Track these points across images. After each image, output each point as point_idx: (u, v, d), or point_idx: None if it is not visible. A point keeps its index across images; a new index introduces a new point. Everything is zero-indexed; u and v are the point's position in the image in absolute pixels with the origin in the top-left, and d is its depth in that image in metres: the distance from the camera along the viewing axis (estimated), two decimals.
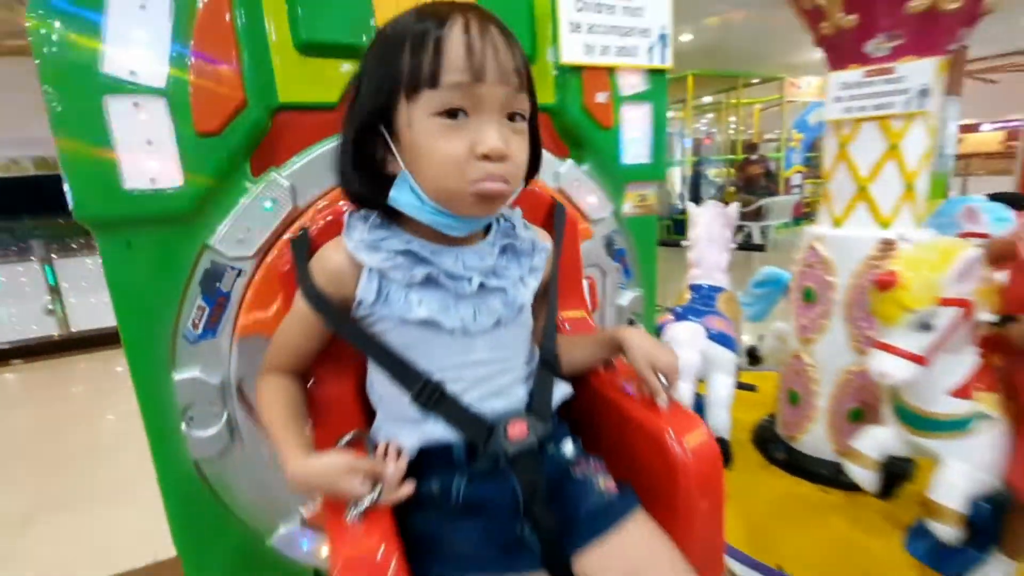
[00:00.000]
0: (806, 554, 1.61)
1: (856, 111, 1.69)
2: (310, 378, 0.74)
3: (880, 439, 1.50)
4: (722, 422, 1.79)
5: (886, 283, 1.22)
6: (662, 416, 0.70)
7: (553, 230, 0.81)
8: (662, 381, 0.71)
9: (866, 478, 1.50)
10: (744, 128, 10.16)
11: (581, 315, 0.92)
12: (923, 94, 1.57)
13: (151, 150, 0.70)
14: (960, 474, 1.34)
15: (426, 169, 0.58)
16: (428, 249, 0.64)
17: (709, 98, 10.19)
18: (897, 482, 1.85)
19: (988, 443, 1.32)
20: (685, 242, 2.16)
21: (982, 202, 1.84)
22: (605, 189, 1.08)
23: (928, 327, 1.23)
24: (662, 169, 1.13)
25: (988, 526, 1.42)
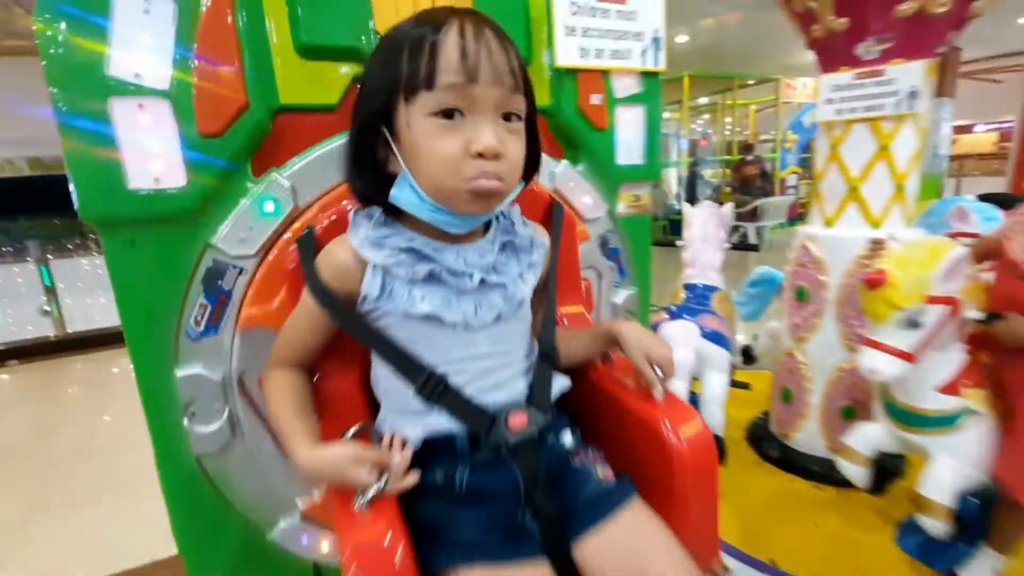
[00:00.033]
0: (799, 549, 1.63)
1: (847, 113, 1.72)
2: (316, 373, 0.76)
3: (871, 435, 1.52)
4: (716, 420, 1.81)
5: (875, 281, 1.24)
6: (658, 408, 0.71)
7: (551, 228, 0.83)
8: (658, 374, 0.73)
9: (857, 474, 1.52)
10: (740, 129, 10.21)
11: (579, 310, 0.94)
12: (912, 96, 1.59)
13: (155, 151, 0.72)
14: (948, 469, 1.36)
15: (424, 167, 0.61)
16: (430, 246, 0.66)
17: (705, 99, 10.23)
18: (889, 478, 1.87)
19: (976, 439, 1.33)
20: (680, 242, 2.18)
21: (972, 202, 1.87)
22: (600, 189, 1.10)
23: (916, 324, 1.25)
24: (656, 170, 1.15)
25: (977, 521, 1.44)
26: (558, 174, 1.06)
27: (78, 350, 4.40)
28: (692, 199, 8.17)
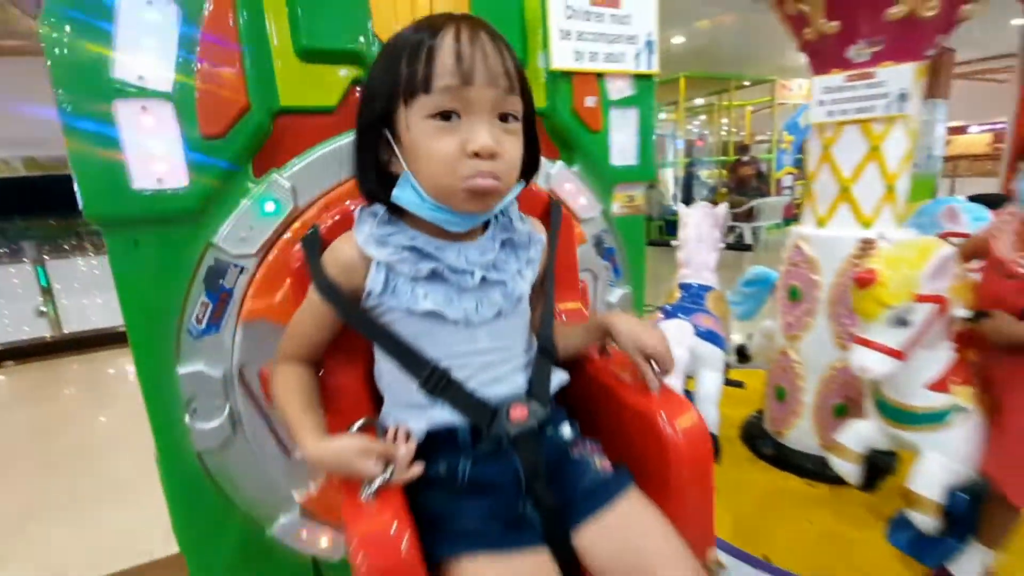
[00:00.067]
0: (792, 545, 1.65)
1: (838, 114, 1.74)
2: (321, 368, 0.77)
3: (862, 432, 1.53)
4: (710, 418, 1.82)
5: (865, 280, 1.26)
6: (654, 400, 0.73)
7: (549, 226, 0.85)
8: (654, 367, 0.74)
9: (849, 471, 1.54)
10: (736, 130, 10.25)
11: (577, 307, 0.96)
12: (902, 98, 1.62)
13: (158, 152, 0.73)
14: (938, 465, 1.37)
15: (424, 168, 0.63)
16: (432, 245, 0.68)
17: (701, 100, 10.26)
18: (880, 475, 1.90)
19: (964, 435, 1.35)
20: (675, 242, 2.20)
21: (962, 203, 1.89)
22: (594, 190, 1.12)
23: (905, 323, 1.27)
24: (650, 170, 1.16)
25: (966, 516, 1.46)
26: (553, 175, 1.07)
27: (74, 351, 4.39)
28: (688, 200, 8.21)
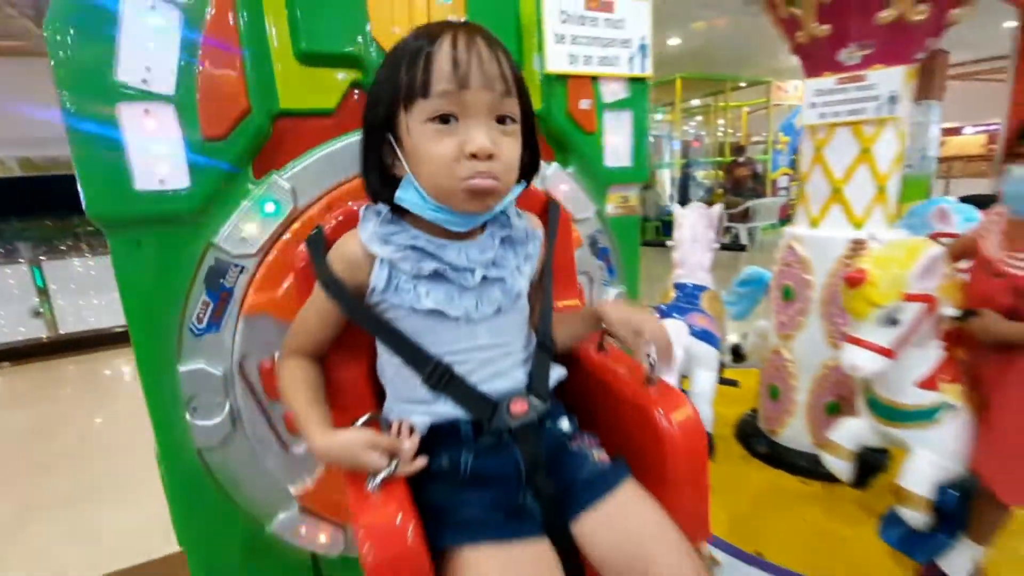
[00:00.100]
0: (786, 542, 1.67)
1: (830, 116, 1.76)
2: (325, 364, 0.79)
3: (854, 430, 1.55)
4: (705, 416, 1.84)
5: (855, 280, 1.28)
6: (651, 395, 0.75)
7: (547, 224, 0.86)
8: (652, 358, 0.75)
9: (841, 468, 1.56)
10: (732, 131, 10.29)
11: (575, 304, 0.98)
12: (893, 100, 1.64)
13: (160, 153, 0.75)
14: (927, 462, 1.40)
15: (424, 170, 0.65)
16: (433, 244, 0.70)
17: (697, 101, 10.30)
18: (872, 473, 1.92)
19: (953, 432, 1.37)
20: (670, 242, 2.22)
21: (953, 203, 1.92)
22: (589, 191, 1.14)
23: (895, 322, 1.29)
24: (644, 172, 1.18)
25: (956, 512, 1.48)
26: (549, 176, 1.09)
27: (71, 352, 4.38)
28: (684, 200, 8.24)
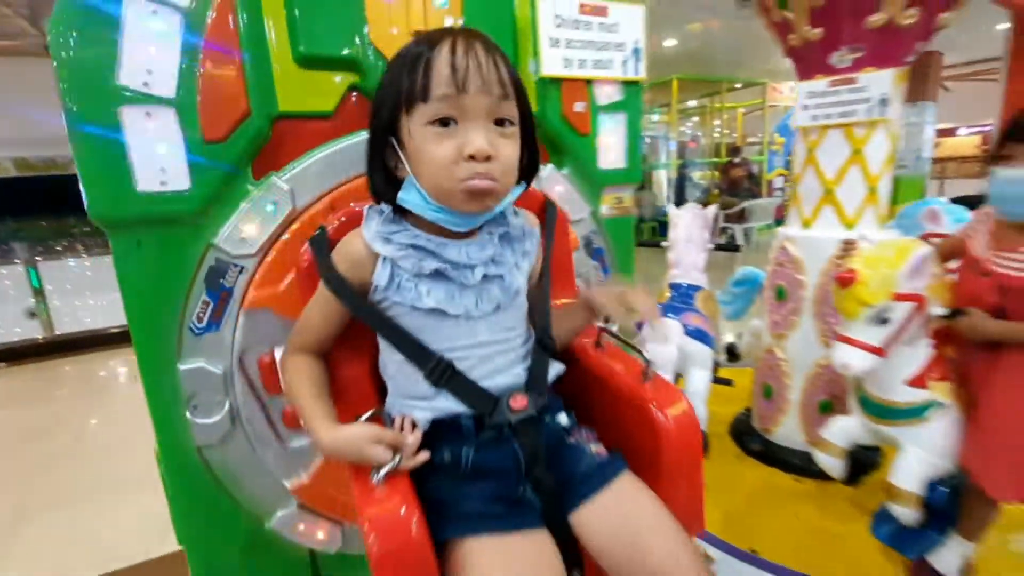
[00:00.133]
0: (779, 539, 1.69)
1: (822, 118, 1.79)
2: (329, 361, 0.81)
3: (846, 428, 1.57)
4: (699, 414, 1.86)
5: (846, 280, 1.30)
6: (647, 390, 0.77)
7: (545, 224, 0.88)
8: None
9: (833, 465, 1.58)
10: (728, 132, 10.33)
11: (572, 302, 0.99)
12: (883, 103, 1.66)
13: (162, 156, 0.76)
14: (917, 459, 1.42)
15: (425, 171, 0.67)
16: (434, 243, 0.72)
17: (694, 102, 10.34)
18: (864, 471, 1.94)
19: (943, 429, 1.39)
20: (665, 243, 2.24)
21: (944, 204, 1.94)
22: (584, 192, 1.15)
23: (885, 321, 1.31)
24: (637, 173, 1.20)
25: (946, 509, 1.50)
26: (544, 178, 1.11)
27: (66, 352, 4.38)
28: (681, 201, 8.26)
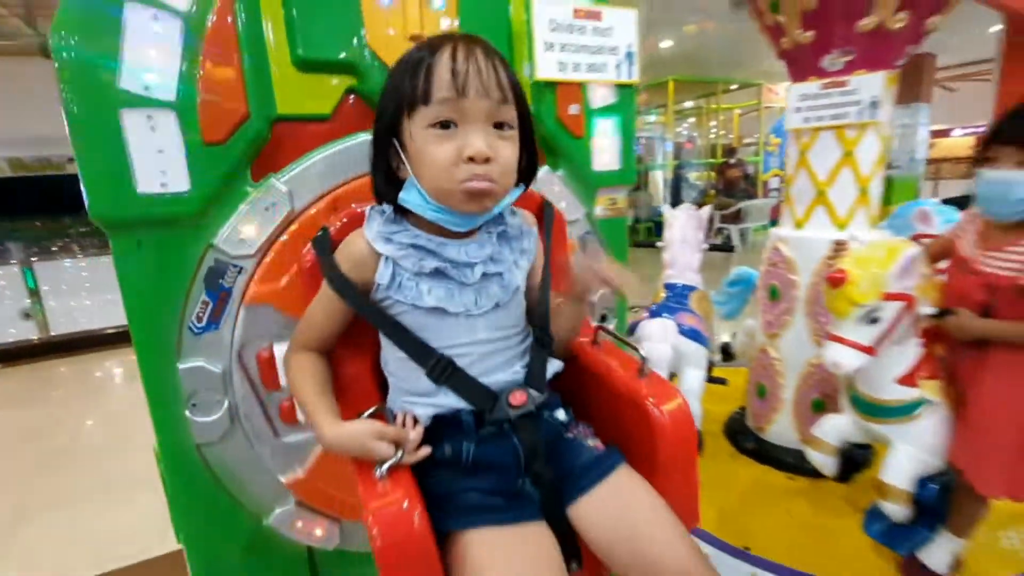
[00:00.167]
0: (772, 536, 1.70)
1: (814, 121, 1.81)
2: (332, 359, 0.82)
3: (837, 426, 1.59)
4: (693, 412, 1.88)
5: (837, 280, 1.32)
6: (643, 386, 0.79)
7: (543, 224, 0.90)
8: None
9: (825, 463, 1.60)
10: (724, 132, 10.38)
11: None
12: (874, 105, 1.69)
13: (162, 158, 0.77)
14: (907, 456, 1.44)
15: (426, 172, 0.69)
16: (434, 242, 0.74)
17: (690, 103, 10.38)
18: (856, 468, 1.96)
19: (933, 427, 1.41)
20: (660, 243, 2.26)
21: (935, 205, 1.97)
22: (578, 193, 1.17)
23: (875, 320, 1.33)
24: (631, 174, 1.22)
25: (936, 506, 1.52)
26: (539, 179, 1.12)
27: (62, 353, 4.37)
28: (677, 202, 8.30)
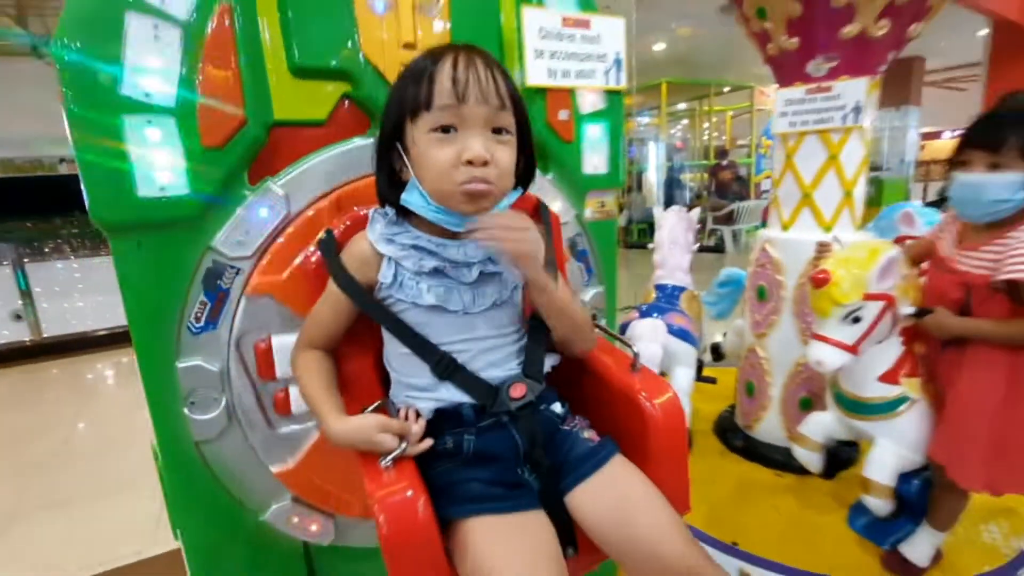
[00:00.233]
0: (759, 531, 1.74)
1: (800, 125, 1.85)
2: (337, 356, 0.85)
3: (822, 423, 1.64)
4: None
5: (820, 281, 1.36)
6: (636, 381, 0.83)
7: (540, 224, 0.92)
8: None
9: (810, 459, 1.64)
10: (717, 134, 10.45)
11: None
12: (857, 110, 1.73)
13: (162, 162, 0.79)
14: (890, 452, 1.48)
15: (427, 174, 0.72)
16: (434, 243, 0.77)
17: (684, 105, 10.45)
18: (843, 466, 2.01)
19: (914, 423, 1.46)
20: (651, 245, 2.30)
21: (918, 207, 2.02)
22: (568, 196, 1.20)
23: (857, 319, 1.37)
24: (618, 178, 1.25)
25: (917, 500, 1.57)
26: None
27: (54, 355, 4.36)
28: (670, 203, 8.36)
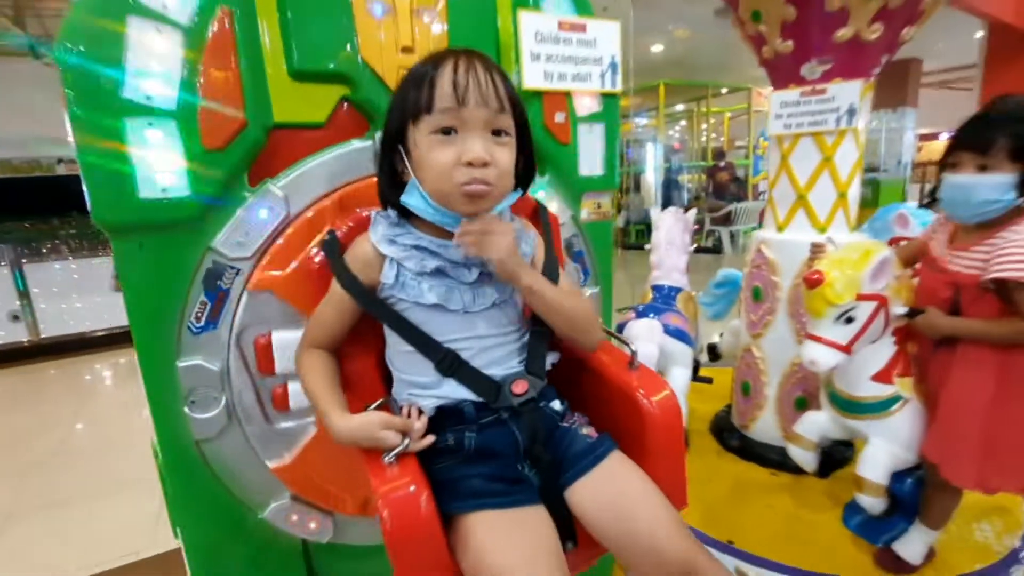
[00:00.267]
0: (755, 530, 1.76)
1: (795, 127, 1.87)
2: (340, 356, 0.87)
3: (817, 422, 1.65)
4: None
5: (813, 281, 1.37)
6: (634, 379, 0.84)
7: (539, 226, 0.95)
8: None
9: (804, 458, 1.66)
10: (715, 136, 10.49)
11: None
12: (851, 112, 1.75)
13: (163, 164, 0.80)
14: (883, 451, 1.49)
15: (428, 175, 0.74)
16: (435, 244, 0.79)
17: (681, 106, 10.48)
18: (838, 465, 2.02)
19: (907, 422, 1.47)
20: (648, 246, 2.32)
21: (912, 208, 2.04)
22: (564, 198, 1.21)
23: (850, 319, 1.39)
24: (614, 180, 1.26)
25: (910, 499, 1.58)
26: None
27: (52, 356, 4.36)
28: (668, 204, 8.38)
